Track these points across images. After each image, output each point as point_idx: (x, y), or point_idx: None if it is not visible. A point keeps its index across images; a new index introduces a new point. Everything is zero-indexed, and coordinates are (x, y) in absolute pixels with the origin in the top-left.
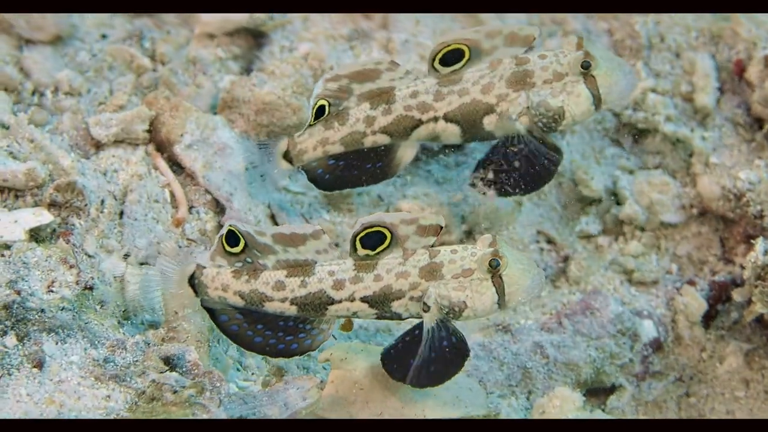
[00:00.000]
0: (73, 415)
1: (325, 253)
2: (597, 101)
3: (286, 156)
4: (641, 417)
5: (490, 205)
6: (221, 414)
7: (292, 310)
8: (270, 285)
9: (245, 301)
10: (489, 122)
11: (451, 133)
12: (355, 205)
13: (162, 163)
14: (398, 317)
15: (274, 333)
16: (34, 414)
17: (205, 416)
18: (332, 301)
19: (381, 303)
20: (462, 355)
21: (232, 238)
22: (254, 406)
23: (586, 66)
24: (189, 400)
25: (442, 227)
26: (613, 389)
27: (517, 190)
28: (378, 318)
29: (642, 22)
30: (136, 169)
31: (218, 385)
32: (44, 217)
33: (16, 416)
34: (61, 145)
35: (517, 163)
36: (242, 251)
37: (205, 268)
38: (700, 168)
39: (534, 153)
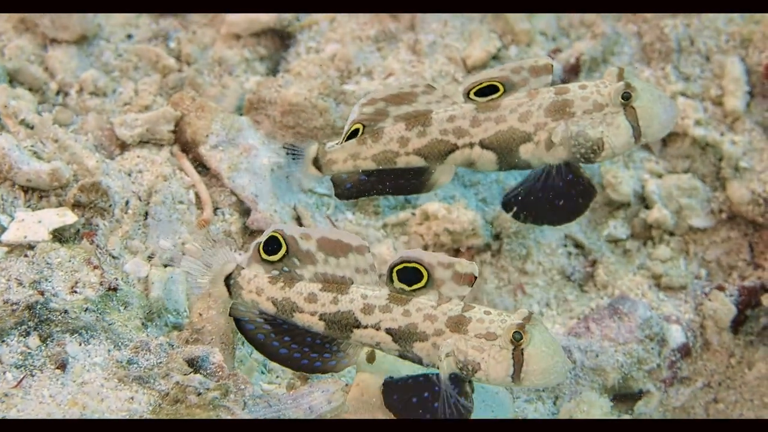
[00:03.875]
0: (96, 417)
1: (363, 273)
2: (637, 133)
3: (316, 162)
4: None
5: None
6: (245, 418)
7: (320, 326)
8: (303, 296)
9: (277, 308)
10: (525, 151)
11: (487, 160)
12: (381, 207)
13: (187, 164)
14: (419, 361)
15: (300, 347)
16: (57, 416)
17: (229, 418)
18: (359, 325)
19: (404, 340)
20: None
21: (272, 244)
22: (279, 409)
23: (626, 97)
24: (213, 402)
25: (476, 277)
26: (640, 395)
27: (545, 222)
28: (400, 356)
29: (672, 25)
30: (161, 170)
31: (243, 387)
32: (68, 217)
33: (40, 417)
34: (86, 145)
35: (551, 194)
36: (281, 259)
37: (243, 269)
38: (730, 172)
39: (568, 186)
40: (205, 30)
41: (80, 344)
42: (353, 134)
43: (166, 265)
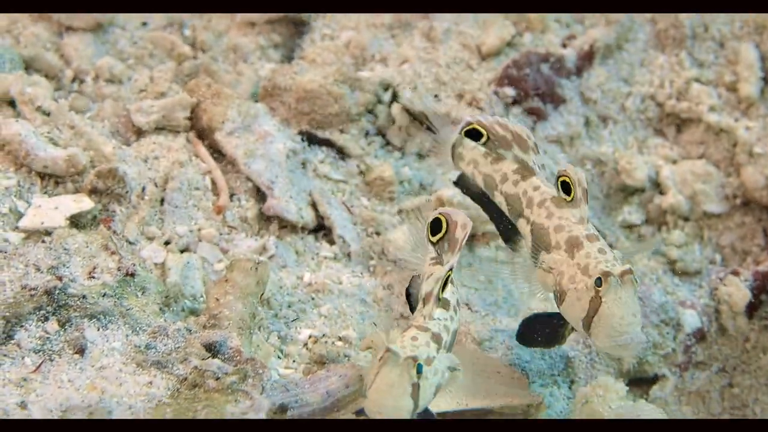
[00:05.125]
0: (114, 402)
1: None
2: (586, 322)
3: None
4: (684, 407)
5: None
6: (263, 402)
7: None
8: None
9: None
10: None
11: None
12: (396, 193)
13: (203, 150)
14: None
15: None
16: (76, 400)
17: (248, 403)
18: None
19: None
20: None
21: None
22: (296, 393)
23: (598, 284)
24: (231, 387)
25: None
26: (655, 379)
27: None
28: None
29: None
30: (177, 156)
31: (260, 372)
32: (85, 203)
33: (59, 402)
34: (102, 131)
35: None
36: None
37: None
38: (744, 158)
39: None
40: (220, 17)
41: (98, 329)
42: (473, 135)
43: (182, 251)
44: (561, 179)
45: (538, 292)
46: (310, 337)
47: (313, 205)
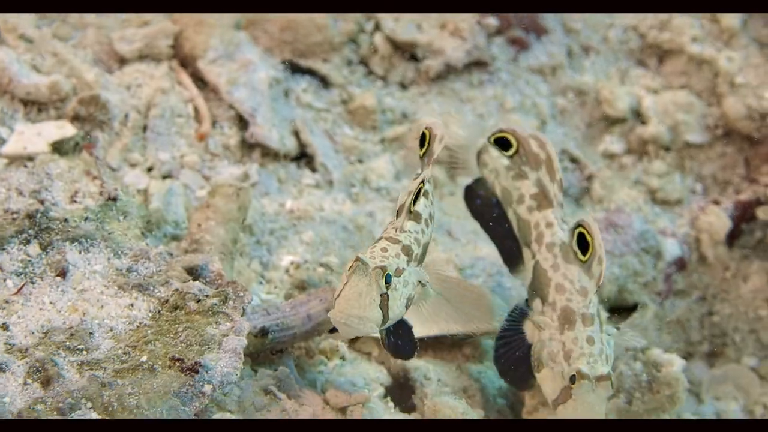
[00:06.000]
0: (95, 323)
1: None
2: (554, 404)
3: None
4: (664, 335)
5: (513, 124)
6: (244, 323)
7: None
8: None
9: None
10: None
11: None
12: (379, 121)
13: (186, 78)
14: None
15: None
16: (58, 322)
17: (228, 325)
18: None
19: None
20: None
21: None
22: (277, 317)
23: (572, 380)
24: (212, 309)
25: None
26: (636, 307)
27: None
28: None
29: None
30: (160, 84)
31: (242, 294)
32: (67, 130)
33: (40, 323)
34: (85, 59)
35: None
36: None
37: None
38: (726, 88)
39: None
40: None
41: (80, 252)
42: (502, 144)
43: (165, 177)
44: (578, 230)
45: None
46: (291, 263)
47: (296, 133)
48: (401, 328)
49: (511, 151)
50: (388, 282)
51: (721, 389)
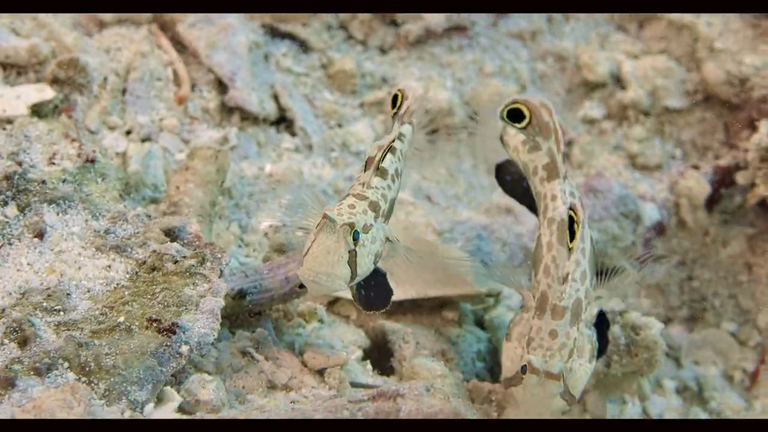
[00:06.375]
0: (73, 284)
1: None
2: (506, 382)
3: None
4: (643, 300)
5: (493, 88)
6: (222, 284)
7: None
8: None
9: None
10: None
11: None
12: (358, 86)
13: (165, 42)
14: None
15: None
16: (35, 283)
17: (206, 286)
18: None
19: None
20: None
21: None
22: (255, 279)
23: (522, 371)
24: (190, 270)
25: None
26: (615, 272)
27: None
28: None
29: None
30: (139, 47)
31: (219, 256)
32: (46, 93)
33: (17, 284)
34: (64, 22)
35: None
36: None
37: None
38: (705, 53)
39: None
40: None
41: (58, 214)
42: (515, 116)
43: (144, 141)
44: (569, 213)
45: None
46: (270, 226)
47: (275, 98)
48: (373, 280)
49: (524, 123)
50: (355, 239)
51: (701, 354)
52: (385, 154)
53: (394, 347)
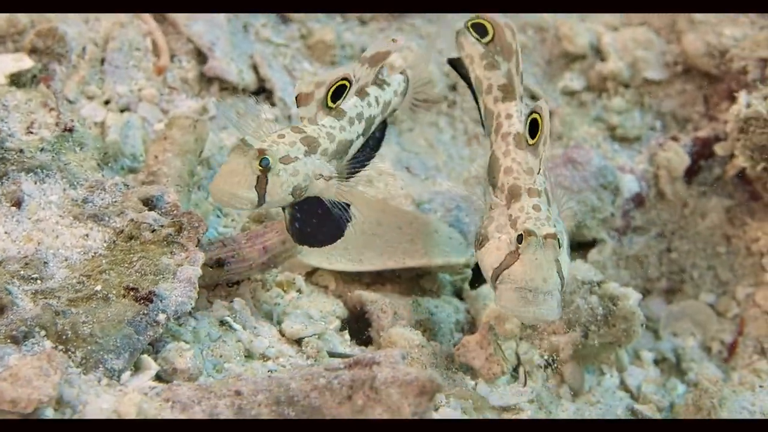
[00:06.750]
0: (50, 253)
1: None
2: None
3: None
4: (622, 272)
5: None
6: (199, 253)
7: None
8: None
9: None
10: None
11: None
12: (338, 57)
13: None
14: None
15: None
16: (12, 252)
17: (183, 255)
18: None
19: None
20: None
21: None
22: (233, 249)
23: (519, 240)
24: (167, 239)
25: None
26: (594, 243)
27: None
28: None
29: None
30: (118, 17)
31: (197, 225)
32: (25, 62)
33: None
34: None
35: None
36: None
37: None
38: (685, 25)
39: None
40: None
41: (36, 183)
42: (480, 30)
43: (123, 111)
44: (532, 117)
45: None
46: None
47: (255, 68)
48: (313, 216)
49: (486, 39)
50: (265, 165)
51: (679, 325)
52: (345, 96)
53: (372, 317)
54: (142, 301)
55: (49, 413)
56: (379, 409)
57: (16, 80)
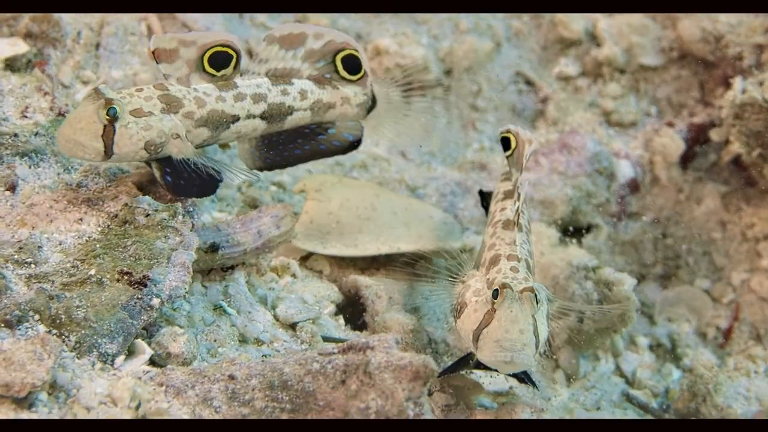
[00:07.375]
0: (44, 237)
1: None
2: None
3: None
4: (617, 257)
5: (468, 45)
6: (193, 238)
7: None
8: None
9: None
10: None
11: None
12: None
13: None
14: None
15: None
16: (6, 236)
17: (177, 239)
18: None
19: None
20: None
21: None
22: (228, 233)
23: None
24: (161, 224)
25: None
26: (589, 228)
27: None
28: None
29: None
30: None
31: (191, 209)
32: (20, 47)
33: None
34: None
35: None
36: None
37: None
38: None
39: None
40: None
41: (30, 167)
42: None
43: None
44: (503, 135)
45: None
46: (244, 181)
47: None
48: (185, 169)
49: (510, 151)
50: (112, 114)
51: (674, 311)
52: (235, 66)
53: (366, 302)
54: (136, 286)
55: (43, 397)
56: (372, 394)
57: (11, 64)
